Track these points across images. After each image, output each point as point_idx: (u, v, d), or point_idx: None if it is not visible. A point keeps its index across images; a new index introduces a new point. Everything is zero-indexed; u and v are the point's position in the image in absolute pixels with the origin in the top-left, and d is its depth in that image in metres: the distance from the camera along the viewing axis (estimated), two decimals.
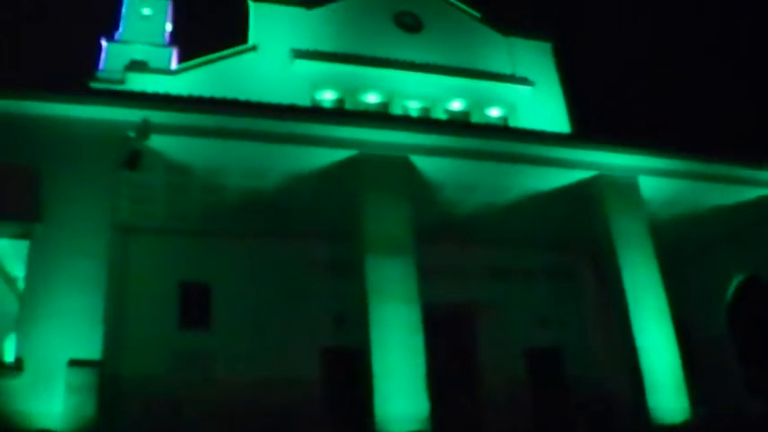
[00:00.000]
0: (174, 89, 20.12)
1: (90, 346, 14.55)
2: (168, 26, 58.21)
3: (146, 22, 55.76)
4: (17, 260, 18.66)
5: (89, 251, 15.41)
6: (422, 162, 18.64)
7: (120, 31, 55.22)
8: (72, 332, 14.56)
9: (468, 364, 23.93)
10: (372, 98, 27.21)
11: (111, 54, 51.42)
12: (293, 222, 22.07)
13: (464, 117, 27.87)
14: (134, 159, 16.46)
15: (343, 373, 20.88)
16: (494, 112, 28.74)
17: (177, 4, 62.07)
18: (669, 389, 17.96)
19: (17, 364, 14.16)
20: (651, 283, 19.12)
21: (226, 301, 21.80)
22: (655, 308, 18.82)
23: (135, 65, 27.34)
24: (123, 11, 56.46)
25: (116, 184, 16.76)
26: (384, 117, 19.66)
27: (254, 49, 26.98)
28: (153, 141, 16.84)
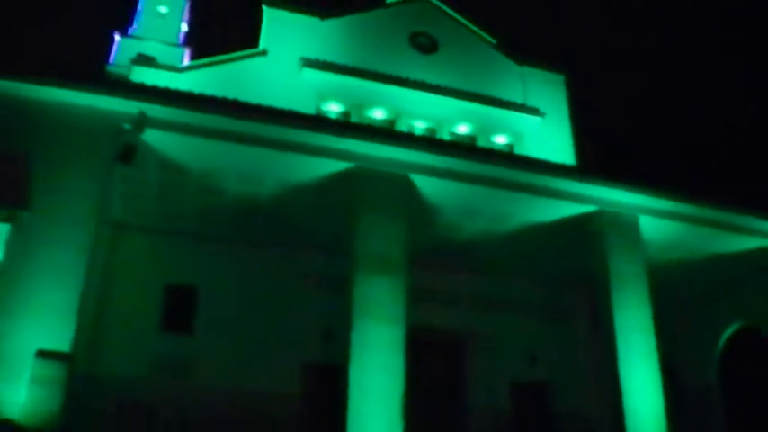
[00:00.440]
0: (179, 87, 19.84)
1: (61, 340, 14.11)
2: (183, 26, 58.22)
3: (161, 20, 55.82)
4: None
5: (71, 243, 15.01)
6: (422, 182, 18.25)
7: (135, 26, 55.25)
8: (44, 323, 14.13)
9: (453, 392, 23.48)
10: (379, 114, 26.87)
11: (123, 49, 51.42)
12: (288, 233, 21.70)
13: (470, 141, 27.52)
14: (128, 153, 16.07)
15: (326, 390, 20.44)
16: (500, 140, 28.39)
17: (194, 5, 62.04)
18: None
19: None
20: (643, 325, 18.65)
21: (211, 306, 21.38)
22: (644, 351, 18.36)
23: (142, 59, 27.14)
24: (139, 7, 56.47)
25: (108, 178, 16.34)
26: (386, 132, 19.22)
27: (263, 53, 26.67)
28: (148, 136, 16.48)
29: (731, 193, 22.57)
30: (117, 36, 53.05)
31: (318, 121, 17.80)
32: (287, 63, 26.72)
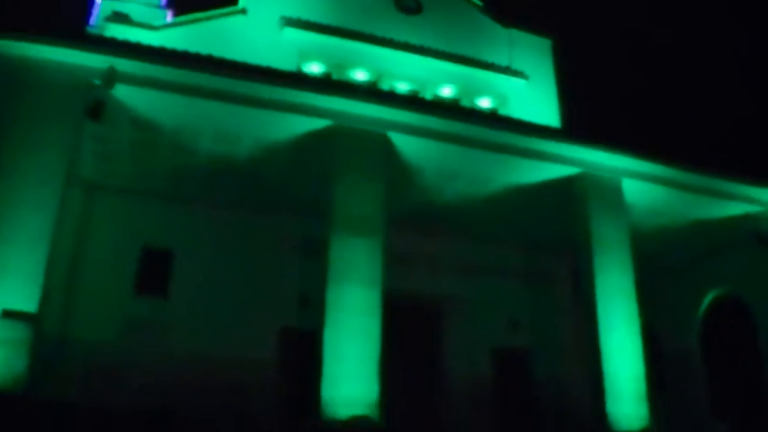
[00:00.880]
0: (155, 44, 19.28)
1: (27, 301, 13.72)
2: None
3: None
4: None
5: (39, 203, 14.54)
6: (401, 141, 17.76)
7: None
8: (10, 284, 13.71)
9: (433, 358, 23.26)
10: (360, 75, 26.28)
11: (105, 10, 50.31)
12: (265, 195, 21.26)
13: (453, 103, 27.04)
14: (97, 108, 15.55)
15: (303, 356, 20.04)
16: (484, 102, 27.90)
17: None
18: (630, 396, 17.31)
19: None
20: (624, 289, 18.38)
21: (187, 269, 20.93)
22: (624, 314, 18.12)
23: (117, 17, 26.53)
24: None
25: (77, 136, 15.81)
26: (364, 89, 18.74)
27: (243, 12, 26.00)
28: (119, 92, 15.93)
29: (716, 159, 22.31)
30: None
31: (294, 78, 17.29)
32: (267, 22, 26.05)
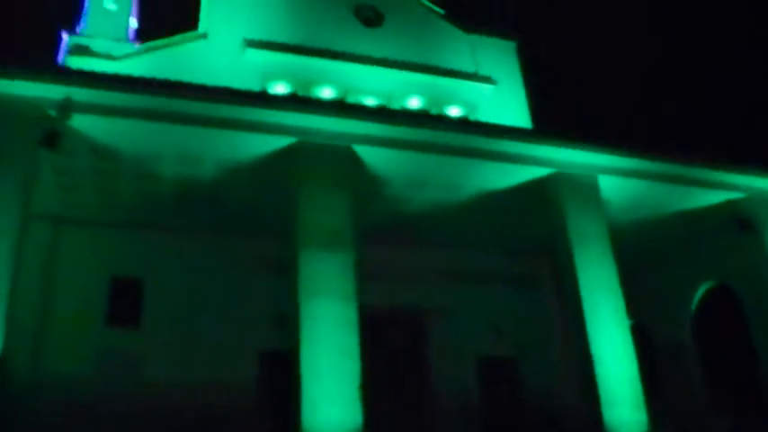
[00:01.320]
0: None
1: None
2: (133, 21, 56.93)
3: (109, 17, 54.42)
4: None
5: None
6: (366, 153, 17.36)
7: (83, 24, 53.88)
8: None
9: (417, 373, 22.77)
10: (327, 92, 25.96)
11: (71, 46, 50.06)
12: (235, 218, 20.87)
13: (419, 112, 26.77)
14: (52, 138, 15.17)
15: (281, 378, 19.63)
16: (453, 111, 27.60)
17: (143, 0, 60.87)
18: (626, 401, 16.69)
19: None
20: (608, 285, 17.85)
21: (159, 298, 20.65)
22: (612, 312, 17.54)
23: (77, 49, 26.20)
24: (86, 4, 55.19)
25: (34, 167, 15.44)
26: (325, 103, 18.29)
27: (203, 36, 25.71)
28: (76, 121, 15.53)
29: (693, 148, 22.04)
30: (65, 35, 51.76)
31: (251, 96, 16.86)
32: (229, 45, 25.77)
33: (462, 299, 23.41)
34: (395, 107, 26.49)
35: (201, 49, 25.50)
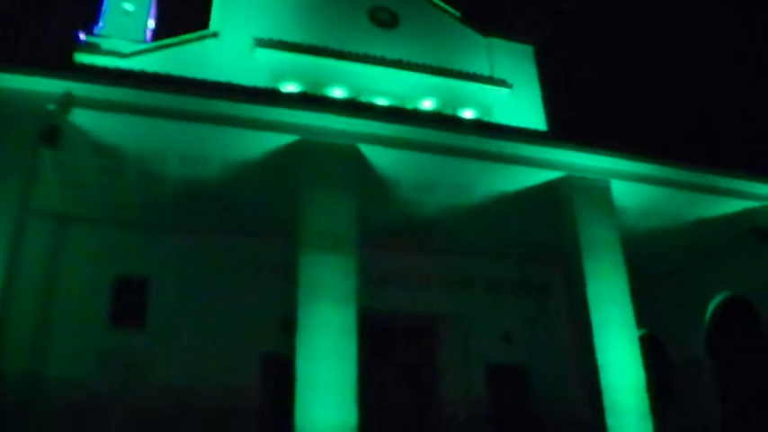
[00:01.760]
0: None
1: None
2: (150, 22, 56.99)
3: (127, 18, 54.52)
4: None
5: None
6: (374, 153, 17.01)
7: (100, 25, 53.97)
8: None
9: (425, 379, 22.36)
10: (338, 93, 25.62)
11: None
12: (241, 218, 20.59)
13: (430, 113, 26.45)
14: (52, 134, 14.93)
15: (286, 381, 19.35)
16: (467, 114, 27.18)
17: (161, 1, 60.98)
18: (632, 410, 16.19)
19: None
20: (618, 296, 17.36)
21: (164, 298, 20.26)
22: (620, 323, 17.04)
23: (87, 47, 25.94)
24: (104, 5, 55.30)
25: (34, 163, 15.23)
26: (332, 102, 17.98)
27: (214, 35, 25.50)
28: (77, 117, 15.35)
29: (709, 155, 21.51)
30: (82, 35, 51.83)
31: (256, 93, 16.57)
32: (239, 44, 25.51)
33: (472, 305, 23.02)
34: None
35: (212, 48, 25.29)
